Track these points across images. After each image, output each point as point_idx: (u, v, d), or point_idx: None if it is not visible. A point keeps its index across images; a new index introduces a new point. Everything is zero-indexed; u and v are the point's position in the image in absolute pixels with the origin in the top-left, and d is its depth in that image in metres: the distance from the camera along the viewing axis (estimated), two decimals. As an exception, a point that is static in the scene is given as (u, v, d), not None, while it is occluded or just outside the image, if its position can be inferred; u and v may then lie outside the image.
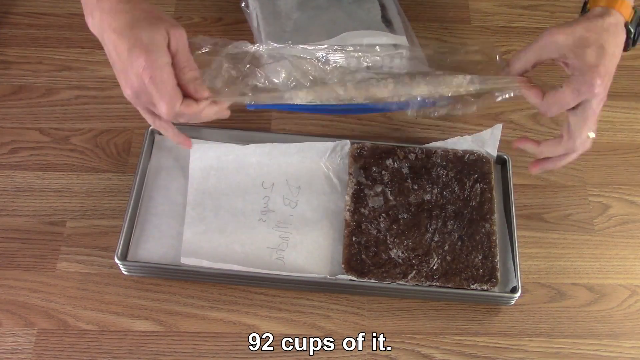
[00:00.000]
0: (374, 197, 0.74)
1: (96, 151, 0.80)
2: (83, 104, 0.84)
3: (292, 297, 0.72)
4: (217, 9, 0.92)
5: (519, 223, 0.76)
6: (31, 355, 0.67)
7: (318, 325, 0.70)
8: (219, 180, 0.76)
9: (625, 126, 0.85)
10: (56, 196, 0.77)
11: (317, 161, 0.78)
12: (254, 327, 0.70)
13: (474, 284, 0.70)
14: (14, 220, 0.75)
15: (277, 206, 0.75)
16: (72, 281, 0.72)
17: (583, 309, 0.72)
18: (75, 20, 0.91)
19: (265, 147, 0.77)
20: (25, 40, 0.89)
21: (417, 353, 0.69)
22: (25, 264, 0.72)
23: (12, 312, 0.70)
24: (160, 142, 0.79)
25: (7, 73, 0.86)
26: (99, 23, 0.61)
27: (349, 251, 0.71)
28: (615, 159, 0.83)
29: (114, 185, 0.78)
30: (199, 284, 0.72)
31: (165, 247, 0.72)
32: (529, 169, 0.72)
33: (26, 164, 0.79)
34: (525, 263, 0.75)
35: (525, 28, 0.94)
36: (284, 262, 0.72)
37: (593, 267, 0.75)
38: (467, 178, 0.76)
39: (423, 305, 0.72)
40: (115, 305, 0.70)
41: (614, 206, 0.79)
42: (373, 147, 0.77)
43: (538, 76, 0.71)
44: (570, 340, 0.71)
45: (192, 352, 0.68)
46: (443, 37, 0.92)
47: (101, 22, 0.60)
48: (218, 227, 0.73)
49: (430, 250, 0.71)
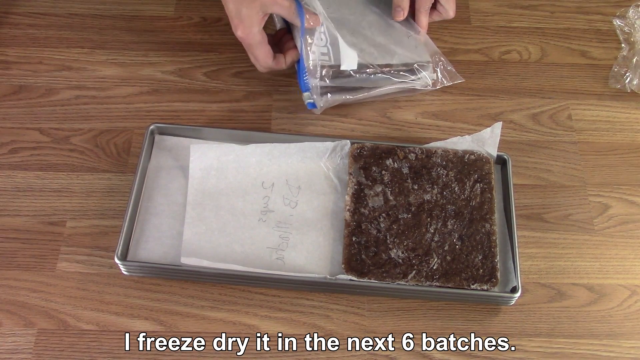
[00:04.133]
0: (374, 197, 0.74)
1: (96, 151, 0.80)
2: (83, 104, 0.84)
3: (292, 297, 0.72)
4: (218, 9, 0.92)
5: (519, 223, 0.76)
6: (31, 355, 0.67)
7: (318, 325, 0.70)
8: (219, 180, 0.76)
9: (625, 126, 0.86)
10: (56, 196, 0.77)
11: (317, 161, 0.78)
12: (254, 327, 0.70)
13: (474, 284, 0.70)
14: (14, 220, 0.75)
15: (277, 206, 0.75)
16: (72, 281, 0.72)
17: (583, 309, 0.72)
18: (75, 20, 0.91)
19: (265, 147, 0.77)
20: (25, 40, 0.89)
21: (417, 353, 0.69)
22: (25, 264, 0.72)
23: (12, 312, 0.70)
24: (160, 142, 0.79)
25: (7, 73, 0.86)
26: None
27: (349, 251, 0.71)
28: (615, 159, 0.83)
29: (114, 185, 0.78)
30: (199, 284, 0.72)
31: (165, 247, 0.72)
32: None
33: (26, 164, 0.79)
34: (525, 263, 0.75)
35: (525, 28, 0.94)
36: (284, 262, 0.72)
37: (593, 267, 0.75)
38: (467, 178, 0.76)
39: (423, 305, 0.72)
40: (115, 305, 0.70)
41: (614, 206, 0.79)
42: (373, 147, 0.77)
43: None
44: (570, 340, 0.71)
45: (192, 352, 0.68)
46: (443, 37, 0.92)
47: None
48: (218, 227, 0.73)
49: (430, 250, 0.71)
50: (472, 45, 0.92)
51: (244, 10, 0.75)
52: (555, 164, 0.82)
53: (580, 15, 0.96)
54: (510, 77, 0.89)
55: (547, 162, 0.82)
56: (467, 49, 0.91)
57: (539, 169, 0.81)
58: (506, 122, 0.84)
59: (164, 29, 0.90)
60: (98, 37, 0.89)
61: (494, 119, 0.85)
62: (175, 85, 0.86)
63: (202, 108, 0.84)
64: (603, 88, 0.89)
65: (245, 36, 0.77)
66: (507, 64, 0.90)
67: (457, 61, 0.87)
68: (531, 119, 0.85)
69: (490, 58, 0.91)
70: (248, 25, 0.76)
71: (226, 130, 0.79)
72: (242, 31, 0.76)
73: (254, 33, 0.76)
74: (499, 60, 0.91)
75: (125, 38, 0.90)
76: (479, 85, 0.88)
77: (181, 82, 0.86)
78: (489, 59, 0.91)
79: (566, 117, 0.86)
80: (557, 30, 0.94)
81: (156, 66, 0.87)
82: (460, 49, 0.90)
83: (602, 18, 0.95)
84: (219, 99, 0.85)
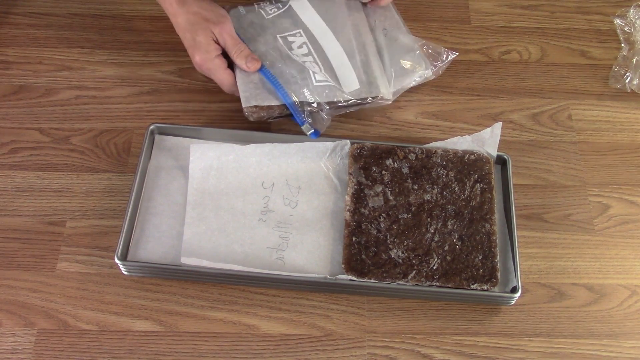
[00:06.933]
0: (374, 197, 0.74)
1: (96, 151, 0.80)
2: (83, 104, 0.84)
3: (292, 297, 0.72)
4: (217, 9, 0.92)
5: (519, 223, 0.76)
6: (31, 355, 0.67)
7: (318, 325, 0.70)
8: (219, 180, 0.76)
9: (625, 126, 0.86)
10: (56, 196, 0.77)
11: (317, 161, 0.78)
12: (254, 327, 0.70)
13: (474, 284, 0.70)
14: (14, 220, 0.75)
15: (277, 206, 0.75)
16: (72, 281, 0.72)
17: (583, 309, 0.72)
18: (75, 20, 0.91)
19: (265, 147, 0.77)
20: (25, 40, 0.89)
21: (417, 353, 0.69)
22: (25, 264, 0.72)
23: (12, 312, 0.70)
24: (160, 142, 0.79)
25: (7, 73, 0.86)
26: (170, 20, 0.81)
27: (349, 251, 0.71)
28: (615, 159, 0.83)
29: (114, 185, 0.78)
30: (199, 284, 0.72)
31: (165, 247, 0.72)
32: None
33: (26, 164, 0.79)
34: (525, 263, 0.75)
35: (525, 28, 0.94)
36: (284, 262, 0.72)
37: (593, 267, 0.75)
38: (467, 178, 0.76)
39: (423, 305, 0.72)
40: (115, 305, 0.70)
41: (614, 206, 0.79)
42: (373, 147, 0.77)
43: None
44: (570, 340, 0.71)
45: (192, 352, 0.68)
46: (443, 37, 0.92)
47: (171, 20, 0.80)
48: (218, 227, 0.73)
49: (430, 250, 0.71)
50: (472, 45, 0.92)
51: (199, 38, 0.77)
52: (555, 164, 0.82)
53: (580, 15, 0.96)
54: (510, 77, 0.89)
55: (547, 162, 0.82)
56: (467, 49, 0.91)
57: (539, 169, 0.81)
58: (506, 122, 0.84)
59: (163, 29, 0.90)
60: (98, 37, 0.89)
61: (494, 119, 0.85)
62: (175, 85, 0.86)
63: (202, 108, 0.84)
64: (603, 88, 0.89)
65: (203, 62, 0.78)
66: (507, 64, 0.90)
67: (457, 61, 0.87)
68: (531, 119, 0.85)
69: (490, 58, 0.91)
70: (204, 52, 0.78)
71: (226, 130, 0.79)
72: (199, 57, 0.78)
73: (210, 59, 0.78)
74: (499, 60, 0.91)
75: (125, 38, 0.90)
76: (479, 85, 0.88)
77: (181, 82, 0.86)
78: (489, 59, 0.91)
79: (566, 117, 0.86)
80: (557, 30, 0.94)
81: (156, 66, 0.87)
82: (460, 49, 0.90)
83: (602, 18, 0.95)
84: (219, 99, 0.85)
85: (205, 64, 0.78)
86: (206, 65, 0.78)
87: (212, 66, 0.78)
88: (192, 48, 0.78)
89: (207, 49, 0.78)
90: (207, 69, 0.79)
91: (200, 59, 0.78)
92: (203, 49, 0.78)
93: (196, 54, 0.78)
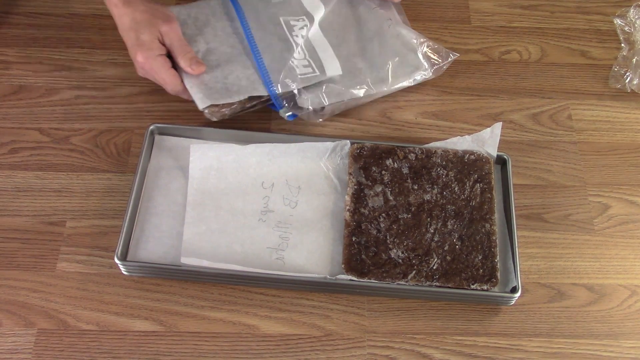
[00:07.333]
0: (374, 197, 0.74)
1: (96, 151, 0.80)
2: (83, 104, 0.84)
3: (292, 297, 0.72)
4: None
5: (519, 223, 0.76)
6: (31, 355, 0.67)
7: (318, 325, 0.70)
8: (219, 180, 0.76)
9: (625, 126, 0.86)
10: (56, 196, 0.77)
11: (317, 161, 0.78)
12: (254, 327, 0.70)
13: (474, 284, 0.70)
14: (14, 220, 0.75)
15: (277, 206, 0.75)
16: (72, 281, 0.72)
17: (583, 309, 0.72)
18: (75, 20, 0.91)
19: (265, 147, 0.77)
20: (25, 40, 0.89)
21: (417, 353, 0.69)
22: (25, 264, 0.72)
23: (12, 312, 0.70)
24: (160, 142, 0.79)
25: (7, 73, 0.86)
26: (115, 21, 0.77)
27: (349, 251, 0.71)
28: (615, 159, 0.83)
29: (114, 185, 0.78)
30: (199, 284, 0.72)
31: (165, 247, 0.72)
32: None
33: (26, 164, 0.79)
34: (525, 263, 0.75)
35: (525, 28, 0.94)
36: (284, 262, 0.72)
37: (593, 267, 0.75)
38: (467, 178, 0.76)
39: (423, 305, 0.72)
40: (115, 305, 0.70)
41: (614, 206, 0.79)
42: (373, 147, 0.77)
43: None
44: (570, 340, 0.71)
45: (192, 352, 0.68)
46: (443, 37, 0.92)
47: (116, 21, 0.77)
48: (218, 227, 0.73)
49: (430, 250, 0.71)
50: (472, 45, 0.92)
51: (143, 36, 0.75)
52: (555, 164, 0.82)
53: (580, 15, 0.96)
54: (510, 77, 0.89)
55: (547, 162, 0.82)
56: (467, 49, 0.91)
57: (539, 169, 0.81)
58: (506, 122, 0.84)
59: (164, 29, 0.90)
60: (98, 37, 0.89)
61: (494, 119, 0.85)
62: (175, 85, 0.86)
63: (202, 108, 0.84)
64: (603, 88, 0.89)
65: (145, 60, 0.75)
66: (507, 64, 0.90)
67: (457, 61, 0.87)
68: (531, 119, 0.85)
69: (490, 58, 0.91)
70: (147, 49, 0.75)
71: (226, 130, 0.79)
72: (141, 56, 0.75)
73: (153, 57, 0.75)
74: (499, 60, 0.91)
75: (125, 38, 0.90)
76: (479, 85, 0.88)
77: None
78: (489, 59, 0.91)
79: (566, 117, 0.86)
80: (557, 30, 0.94)
81: (156, 66, 0.87)
82: (460, 49, 0.90)
83: (602, 18, 0.95)
84: (219, 99, 0.85)
85: (148, 62, 0.75)
86: (149, 63, 0.75)
87: (156, 65, 0.75)
88: (135, 47, 0.75)
89: (150, 47, 0.74)
90: (150, 68, 0.76)
91: (143, 57, 0.74)
92: (146, 47, 0.74)
93: (139, 53, 0.74)
